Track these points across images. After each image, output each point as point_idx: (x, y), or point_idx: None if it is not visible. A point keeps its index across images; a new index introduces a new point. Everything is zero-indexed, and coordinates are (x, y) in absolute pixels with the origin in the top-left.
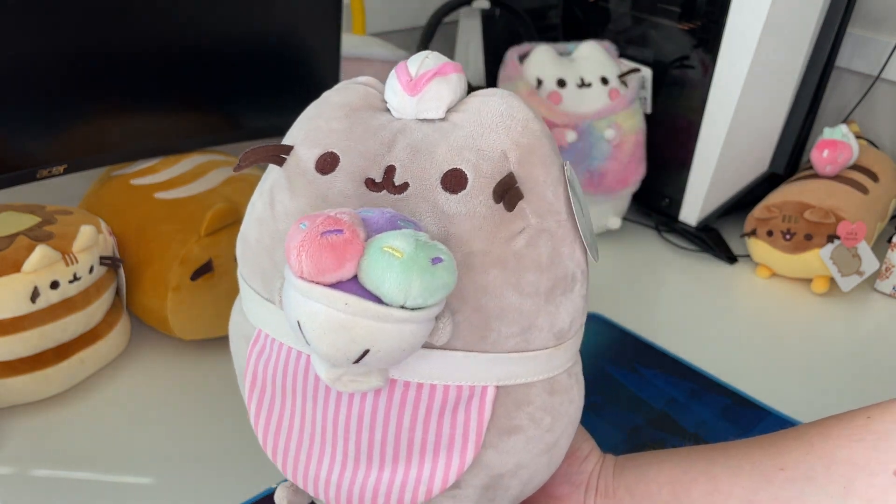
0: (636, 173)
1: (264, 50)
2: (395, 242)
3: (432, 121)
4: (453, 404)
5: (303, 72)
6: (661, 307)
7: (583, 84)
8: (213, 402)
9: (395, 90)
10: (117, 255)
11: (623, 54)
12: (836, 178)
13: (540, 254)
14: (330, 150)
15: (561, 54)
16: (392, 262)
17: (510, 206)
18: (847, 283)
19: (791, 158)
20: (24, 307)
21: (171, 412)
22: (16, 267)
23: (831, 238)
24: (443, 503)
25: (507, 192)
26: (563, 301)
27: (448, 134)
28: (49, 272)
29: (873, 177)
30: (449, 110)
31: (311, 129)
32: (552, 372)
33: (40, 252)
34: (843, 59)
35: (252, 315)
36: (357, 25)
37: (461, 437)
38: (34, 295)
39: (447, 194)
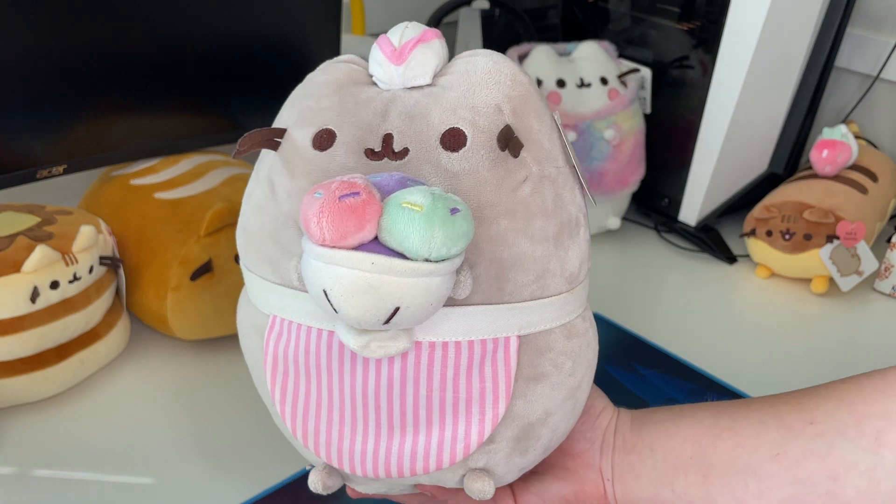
0: (636, 173)
1: (264, 50)
2: (413, 197)
3: (420, 87)
4: (479, 359)
5: (303, 72)
6: (661, 307)
7: (582, 84)
8: (213, 402)
9: (379, 62)
10: (117, 255)
11: (622, 54)
12: (836, 178)
13: (545, 199)
14: (325, 127)
15: (560, 54)
16: (413, 215)
17: (515, 153)
18: (846, 283)
19: (790, 158)
20: (24, 307)
21: (171, 412)
22: (16, 267)
23: (830, 238)
24: (477, 460)
25: (511, 140)
26: (571, 245)
27: (440, 97)
28: (49, 272)
29: (872, 177)
30: (435, 75)
31: (302, 110)
32: (568, 317)
33: (40, 252)
34: (842, 60)
35: (263, 303)
36: (357, 25)
37: (491, 390)
38: (34, 295)
39: (448, 153)
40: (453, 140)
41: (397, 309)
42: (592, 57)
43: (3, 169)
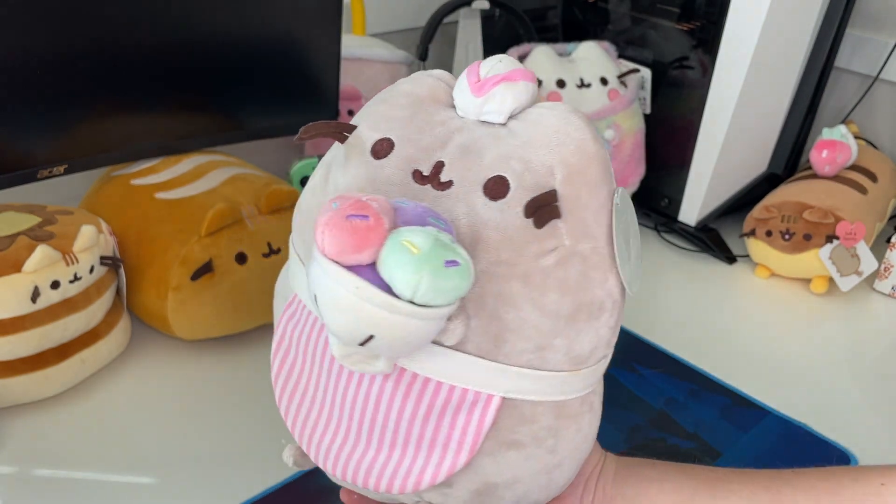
0: (635, 173)
1: (265, 50)
2: (415, 238)
3: (492, 125)
4: (456, 405)
5: (303, 72)
6: (661, 307)
7: (582, 84)
8: (213, 402)
9: (462, 89)
10: (118, 255)
11: (622, 55)
12: (835, 178)
13: (567, 275)
14: (387, 136)
15: (560, 55)
16: (406, 256)
17: (539, 224)
18: (846, 283)
19: (790, 159)
20: (25, 307)
21: (171, 412)
22: (16, 267)
23: (830, 238)
24: (433, 498)
25: (541, 209)
26: (586, 328)
27: (502, 140)
28: (50, 272)
29: (872, 177)
30: (511, 117)
31: (375, 112)
32: (563, 395)
33: (41, 252)
34: (842, 60)
35: (292, 278)
36: (357, 25)
37: (458, 439)
38: (35, 295)
39: (486, 199)
40: (496, 188)
41: (372, 336)
42: (592, 57)
43: (4, 169)
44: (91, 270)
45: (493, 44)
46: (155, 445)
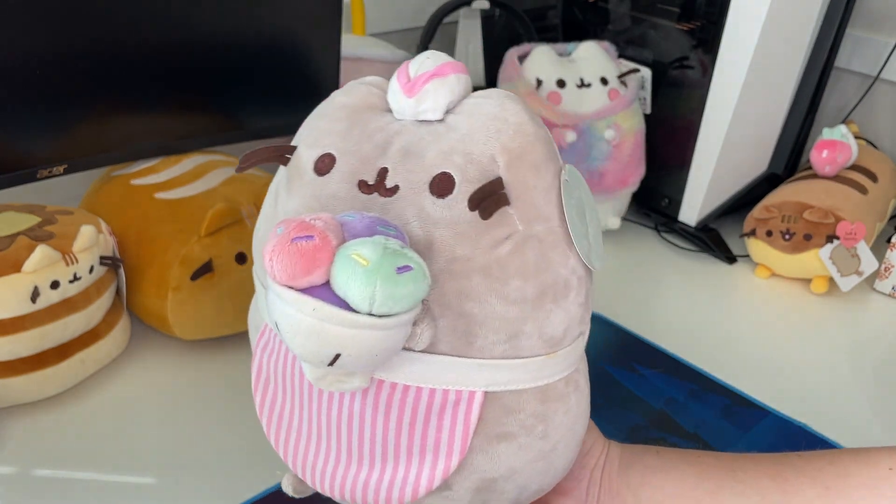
0: (635, 173)
1: (265, 50)
2: (363, 249)
3: (430, 122)
4: (439, 408)
5: (303, 72)
6: (661, 307)
7: (582, 84)
8: (213, 403)
9: (394, 91)
10: (117, 255)
11: (622, 55)
12: (836, 178)
13: (526, 260)
14: (328, 152)
15: (560, 55)
16: (356, 269)
17: (485, 215)
18: (846, 283)
19: (790, 159)
20: (25, 307)
21: (171, 412)
22: (16, 267)
23: (830, 238)
24: (435, 503)
25: (485, 200)
26: (555, 308)
27: (441, 136)
28: (49, 272)
29: (872, 177)
30: (448, 112)
31: (313, 129)
32: (545, 380)
33: (41, 252)
34: (842, 60)
35: (262, 307)
36: (357, 25)
37: (447, 441)
38: (34, 295)
39: (434, 198)
40: (441, 185)
41: (339, 355)
42: (592, 57)
43: (4, 169)
44: (91, 270)
45: (493, 44)
46: (155, 445)
